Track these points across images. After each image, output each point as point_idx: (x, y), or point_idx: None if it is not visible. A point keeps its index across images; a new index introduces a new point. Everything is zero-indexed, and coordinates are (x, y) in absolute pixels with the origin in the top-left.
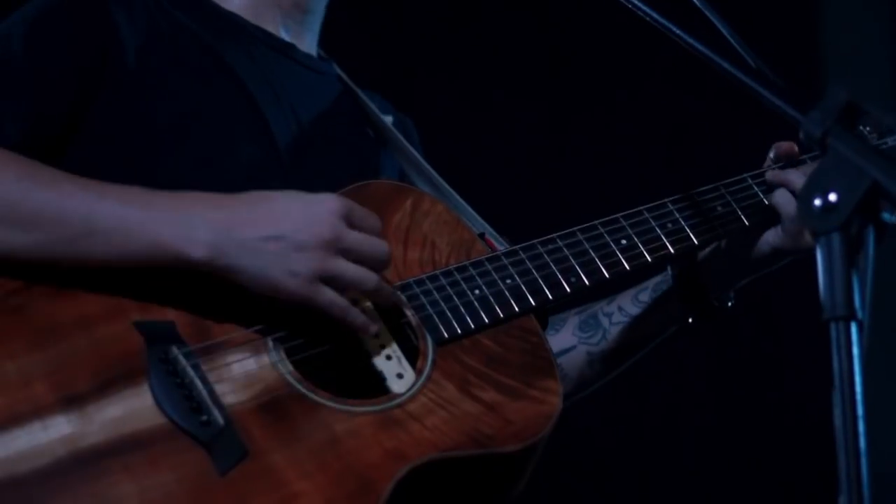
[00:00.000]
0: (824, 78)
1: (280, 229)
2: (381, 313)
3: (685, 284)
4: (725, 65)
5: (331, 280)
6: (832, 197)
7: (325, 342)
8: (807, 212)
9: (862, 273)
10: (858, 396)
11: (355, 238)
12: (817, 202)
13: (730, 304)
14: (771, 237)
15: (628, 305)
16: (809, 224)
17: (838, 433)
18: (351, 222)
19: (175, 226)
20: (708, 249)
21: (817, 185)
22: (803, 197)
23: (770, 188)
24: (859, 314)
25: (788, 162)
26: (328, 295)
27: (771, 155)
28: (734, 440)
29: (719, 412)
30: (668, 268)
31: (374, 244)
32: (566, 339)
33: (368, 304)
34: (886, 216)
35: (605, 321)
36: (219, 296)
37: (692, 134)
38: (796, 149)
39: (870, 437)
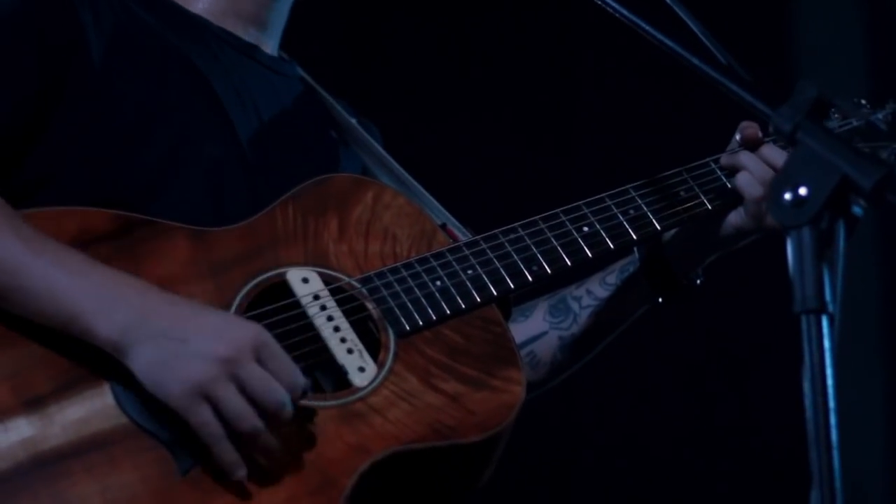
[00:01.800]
0: (796, 74)
1: (186, 332)
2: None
3: (652, 265)
4: (695, 61)
5: (213, 402)
6: (802, 191)
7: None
8: (777, 206)
9: (833, 266)
10: (830, 389)
11: (253, 372)
12: (787, 196)
13: (699, 281)
14: (733, 218)
15: (597, 288)
16: (780, 218)
17: (810, 426)
18: (261, 358)
19: (97, 301)
20: (673, 231)
21: (787, 179)
22: (774, 191)
23: (731, 172)
24: (830, 307)
25: (746, 146)
26: (204, 415)
27: (737, 137)
28: (709, 434)
29: (692, 407)
30: (635, 250)
31: (271, 390)
32: (537, 325)
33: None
34: (856, 210)
35: (574, 305)
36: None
37: (655, 123)
38: (760, 134)
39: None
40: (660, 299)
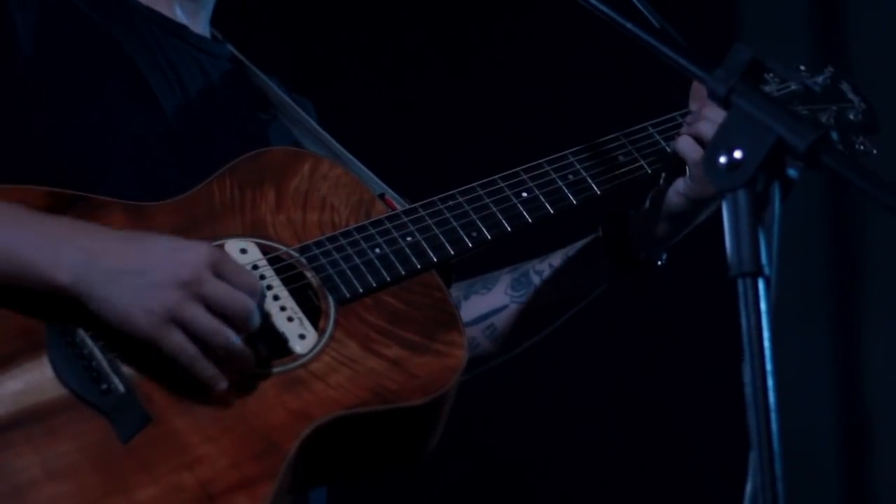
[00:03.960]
0: (736, 38)
1: (142, 264)
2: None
3: (614, 242)
4: (630, 25)
5: (182, 325)
6: (737, 154)
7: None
8: (712, 169)
9: (768, 229)
10: (767, 352)
11: (216, 287)
12: (723, 159)
13: (660, 262)
14: (681, 186)
15: (559, 263)
16: (715, 181)
17: (748, 389)
18: (218, 273)
19: (41, 250)
20: (640, 209)
21: (723, 142)
22: (709, 154)
23: (671, 136)
24: (766, 270)
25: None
26: (177, 339)
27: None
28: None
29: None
30: (600, 227)
31: (236, 299)
32: (498, 297)
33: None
34: (791, 172)
35: (536, 279)
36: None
37: (591, 89)
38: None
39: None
40: (619, 278)
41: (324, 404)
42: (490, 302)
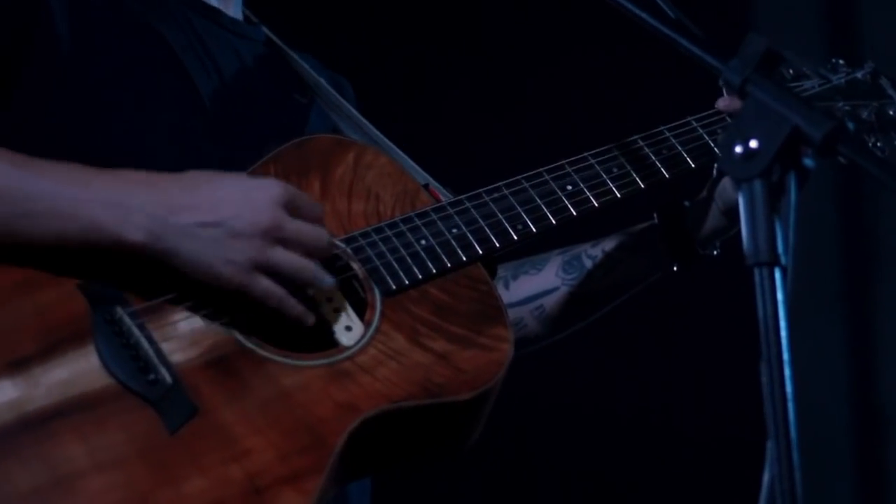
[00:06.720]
0: (748, 28)
1: (218, 216)
2: (327, 266)
3: (671, 231)
4: (645, 16)
5: (267, 270)
6: (753, 144)
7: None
8: (728, 159)
9: (784, 219)
10: (784, 342)
11: (295, 227)
12: (738, 149)
13: (715, 252)
14: (729, 182)
15: (612, 249)
16: (731, 172)
17: (764, 378)
18: (292, 210)
19: (112, 208)
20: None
21: (738, 132)
22: (724, 145)
23: (714, 131)
24: (783, 259)
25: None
26: (263, 284)
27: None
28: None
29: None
30: (655, 215)
31: (314, 233)
32: (549, 279)
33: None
34: (807, 162)
35: (588, 263)
36: (157, 275)
37: (632, 84)
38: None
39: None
40: (675, 267)
41: (371, 398)
42: (540, 283)
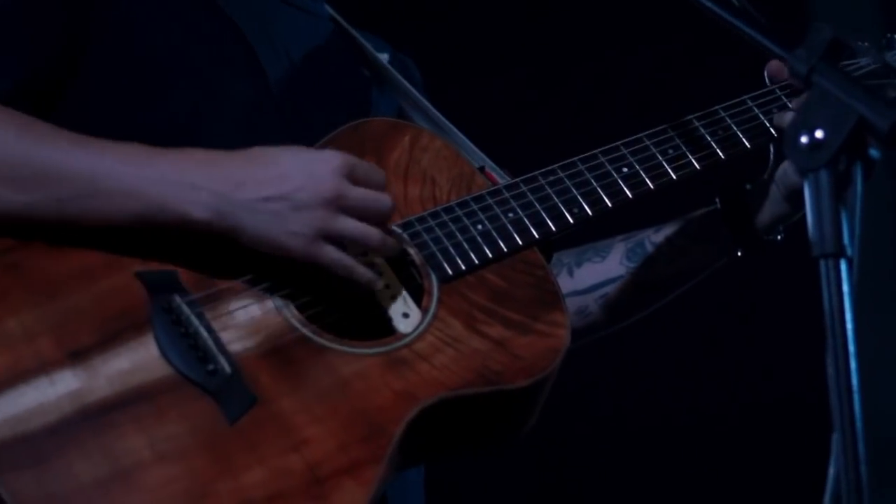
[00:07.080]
0: (808, 15)
1: (281, 189)
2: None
3: (734, 217)
4: (710, 4)
5: (333, 238)
6: (819, 134)
7: (329, 293)
8: (794, 149)
9: (850, 210)
10: (849, 334)
11: (358, 195)
12: (804, 139)
13: (779, 237)
14: (790, 166)
15: (676, 236)
16: (797, 161)
17: (830, 370)
18: (354, 178)
19: (177, 187)
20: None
21: (804, 122)
22: (790, 134)
23: (769, 111)
24: (848, 251)
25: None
26: (331, 254)
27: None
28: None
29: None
30: (717, 200)
31: (377, 199)
32: (613, 267)
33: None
34: (873, 152)
35: (652, 249)
36: (220, 250)
37: (687, 66)
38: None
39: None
40: (739, 252)
41: (428, 386)
42: (605, 271)
